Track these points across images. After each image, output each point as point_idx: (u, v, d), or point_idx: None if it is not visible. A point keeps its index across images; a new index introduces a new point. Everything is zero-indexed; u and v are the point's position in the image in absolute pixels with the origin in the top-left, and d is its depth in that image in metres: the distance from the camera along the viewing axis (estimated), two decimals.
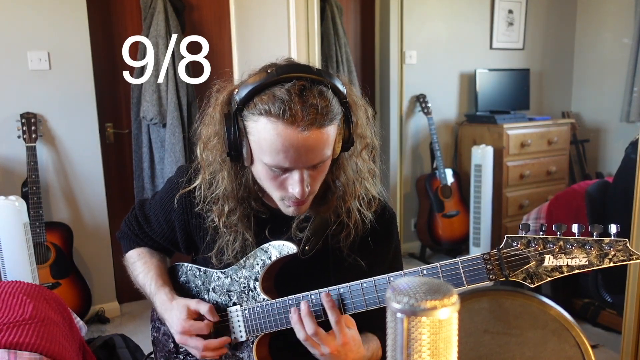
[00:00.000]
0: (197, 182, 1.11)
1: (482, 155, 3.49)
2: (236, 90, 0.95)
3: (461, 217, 3.72)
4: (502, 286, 1.07)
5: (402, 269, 1.02)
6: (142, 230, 1.26)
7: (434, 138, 3.64)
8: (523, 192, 3.78)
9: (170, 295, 1.14)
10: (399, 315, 0.47)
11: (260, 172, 1.00)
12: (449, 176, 3.70)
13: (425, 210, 3.76)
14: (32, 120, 2.63)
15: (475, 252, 3.58)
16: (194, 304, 1.10)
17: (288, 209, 1.03)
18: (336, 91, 0.95)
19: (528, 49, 4.12)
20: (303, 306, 0.99)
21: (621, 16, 3.98)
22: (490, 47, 3.98)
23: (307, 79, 0.92)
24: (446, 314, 0.47)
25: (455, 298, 0.47)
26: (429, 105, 3.71)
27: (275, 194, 1.02)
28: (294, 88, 0.90)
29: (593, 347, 1.01)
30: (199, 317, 1.10)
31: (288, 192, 0.98)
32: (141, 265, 1.23)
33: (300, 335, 0.99)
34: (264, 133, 0.92)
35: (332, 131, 0.94)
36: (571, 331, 0.91)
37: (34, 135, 2.62)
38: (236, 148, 0.97)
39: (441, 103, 3.84)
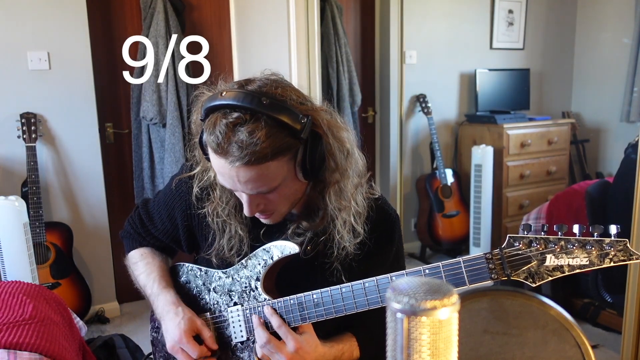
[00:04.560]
0: (196, 170, 1.12)
1: (482, 155, 3.49)
2: (203, 103, 0.96)
3: (461, 217, 3.72)
4: (502, 286, 1.07)
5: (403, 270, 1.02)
6: (145, 229, 1.27)
7: (434, 138, 3.64)
8: (523, 192, 3.78)
9: (176, 299, 1.14)
10: (399, 315, 0.47)
11: None
12: (449, 176, 3.70)
13: (425, 210, 3.76)
14: (32, 120, 2.63)
15: (475, 252, 3.58)
16: (199, 322, 1.10)
17: (260, 217, 1.06)
18: (285, 126, 0.90)
19: (528, 49, 4.12)
20: (255, 319, 1.05)
21: (621, 16, 3.98)
22: (490, 47, 3.98)
23: (250, 111, 0.90)
24: (446, 314, 0.47)
25: (455, 298, 0.47)
26: (429, 105, 3.71)
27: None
28: (231, 122, 0.90)
29: (593, 347, 1.01)
30: (196, 335, 1.11)
31: None
32: (143, 265, 1.23)
33: (259, 341, 1.04)
34: (209, 153, 0.96)
35: (271, 167, 0.92)
36: (571, 331, 0.91)
37: (34, 135, 2.61)
38: (205, 155, 1.00)
39: (441, 103, 3.84)
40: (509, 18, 4.00)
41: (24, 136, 2.61)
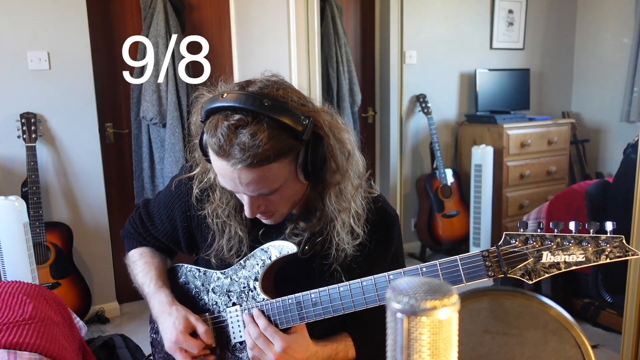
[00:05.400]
0: (196, 171, 1.12)
1: (482, 155, 3.49)
2: (203, 105, 0.96)
3: (461, 217, 3.72)
4: (502, 286, 1.07)
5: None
6: (146, 229, 1.27)
7: (434, 138, 3.64)
8: (523, 192, 3.78)
9: (170, 299, 1.14)
10: (399, 315, 0.47)
11: None
12: (449, 176, 3.70)
13: (425, 210, 3.76)
14: (32, 120, 2.63)
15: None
16: (193, 319, 1.11)
17: (261, 218, 1.06)
18: (286, 128, 0.90)
19: (528, 49, 4.12)
20: (246, 317, 1.06)
21: (621, 16, 3.98)
22: (490, 47, 3.98)
23: (252, 113, 0.89)
24: (446, 314, 0.47)
25: (455, 298, 0.47)
26: (429, 105, 3.71)
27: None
28: (232, 124, 0.89)
29: (593, 347, 1.01)
30: (193, 331, 1.11)
31: None
32: (142, 264, 1.24)
33: (248, 343, 1.05)
34: (210, 155, 0.95)
35: (272, 169, 0.92)
36: (571, 331, 0.91)
37: (34, 135, 2.61)
38: (206, 156, 0.99)
39: (441, 103, 3.84)
40: (509, 18, 4.00)
41: (24, 136, 2.61)
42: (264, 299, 1.08)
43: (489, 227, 3.56)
